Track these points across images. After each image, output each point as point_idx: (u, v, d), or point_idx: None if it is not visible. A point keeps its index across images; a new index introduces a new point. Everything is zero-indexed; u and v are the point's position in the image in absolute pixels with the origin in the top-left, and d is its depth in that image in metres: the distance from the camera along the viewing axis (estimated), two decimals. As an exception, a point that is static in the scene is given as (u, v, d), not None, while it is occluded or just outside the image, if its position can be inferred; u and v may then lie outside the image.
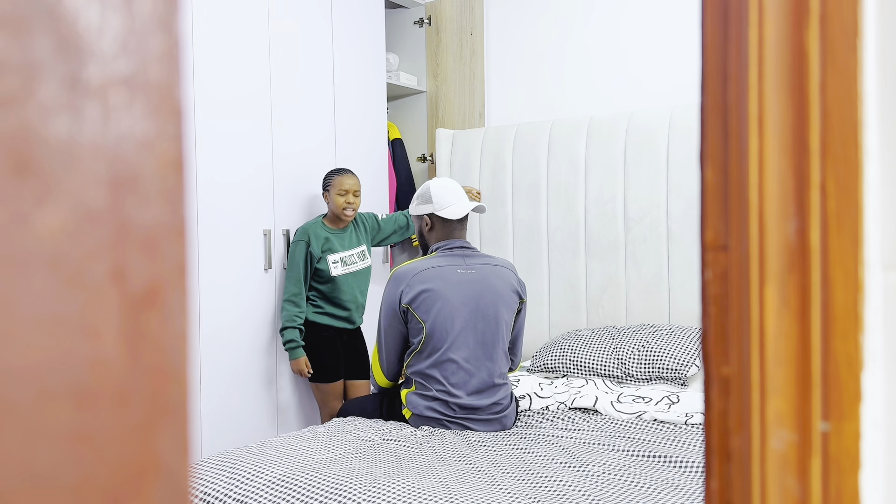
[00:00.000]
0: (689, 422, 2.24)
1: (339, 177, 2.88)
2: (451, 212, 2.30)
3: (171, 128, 0.30)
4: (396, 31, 3.93)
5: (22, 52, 0.25)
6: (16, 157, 0.25)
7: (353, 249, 2.96)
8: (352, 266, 2.95)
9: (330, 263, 2.87)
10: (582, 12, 3.44)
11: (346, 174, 2.90)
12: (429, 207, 2.34)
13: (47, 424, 0.26)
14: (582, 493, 1.67)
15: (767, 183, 0.47)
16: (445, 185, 2.36)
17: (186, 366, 0.31)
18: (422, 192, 2.37)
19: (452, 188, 2.35)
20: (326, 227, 2.92)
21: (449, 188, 2.35)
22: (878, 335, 0.45)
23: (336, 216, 2.93)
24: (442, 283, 2.26)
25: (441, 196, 2.32)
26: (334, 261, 2.88)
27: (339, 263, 2.90)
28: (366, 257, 3.03)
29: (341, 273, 2.90)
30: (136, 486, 0.29)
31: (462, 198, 2.35)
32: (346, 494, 1.64)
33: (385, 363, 2.36)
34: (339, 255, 2.90)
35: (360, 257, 2.99)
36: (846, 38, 0.45)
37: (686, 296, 2.99)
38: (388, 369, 2.37)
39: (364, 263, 3.01)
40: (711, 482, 0.51)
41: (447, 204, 2.31)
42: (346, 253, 2.93)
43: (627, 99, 3.33)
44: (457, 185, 2.38)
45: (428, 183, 2.37)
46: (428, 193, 2.34)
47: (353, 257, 2.95)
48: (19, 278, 0.25)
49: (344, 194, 2.87)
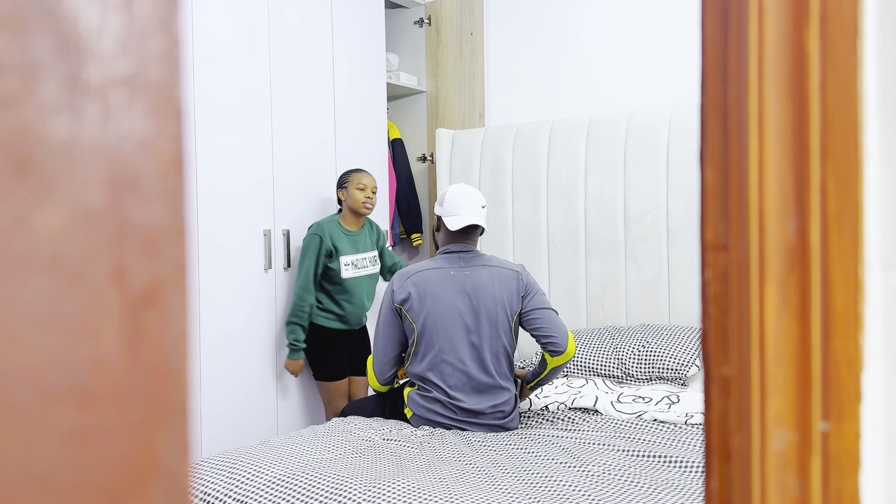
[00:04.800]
0: (689, 422, 2.24)
1: (357, 174, 2.91)
2: (451, 222, 2.33)
3: (171, 128, 0.30)
4: (396, 31, 3.93)
5: (22, 52, 0.25)
6: (16, 157, 0.25)
7: (365, 253, 2.96)
8: (363, 270, 2.94)
9: (342, 265, 2.87)
10: (582, 13, 3.44)
11: (364, 172, 2.93)
12: (440, 210, 2.39)
13: (47, 424, 0.26)
14: (582, 493, 1.67)
15: (767, 183, 0.47)
16: (460, 194, 2.36)
17: (186, 366, 0.31)
18: (442, 194, 2.42)
19: (464, 200, 2.35)
20: (342, 227, 2.91)
21: (461, 198, 2.35)
22: (878, 335, 0.45)
23: (353, 213, 2.92)
24: (434, 284, 2.28)
25: (451, 204, 2.35)
26: (346, 263, 2.88)
27: (350, 266, 2.89)
28: (377, 262, 3.03)
29: (352, 276, 2.90)
30: (136, 486, 0.29)
31: (471, 211, 2.34)
32: (346, 494, 1.63)
33: (377, 366, 2.37)
34: (352, 258, 2.90)
35: (371, 262, 2.99)
36: (846, 38, 0.45)
37: (686, 296, 2.99)
38: (380, 372, 2.37)
39: (375, 268, 3.02)
40: (711, 482, 0.51)
41: (452, 213, 2.35)
42: (358, 256, 2.93)
43: (627, 99, 3.33)
44: (471, 198, 2.36)
45: (451, 187, 2.41)
46: (444, 197, 2.39)
47: (364, 261, 2.95)
48: (19, 278, 0.25)
49: (363, 189, 2.88)
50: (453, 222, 2.32)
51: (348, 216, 2.94)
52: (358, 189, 2.88)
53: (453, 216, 2.34)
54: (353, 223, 2.95)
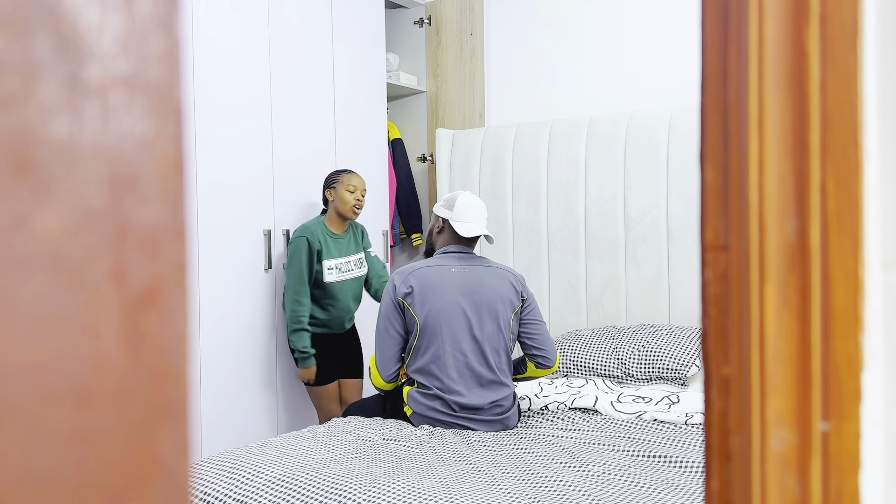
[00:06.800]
0: (689, 422, 2.24)
1: (346, 174, 2.83)
2: (462, 228, 2.38)
3: (171, 128, 0.30)
4: (396, 31, 3.93)
5: (22, 52, 0.25)
6: (16, 157, 0.25)
7: (350, 256, 2.89)
8: (347, 273, 2.87)
9: (325, 269, 2.80)
10: (582, 12, 3.44)
11: (354, 174, 2.86)
12: (448, 213, 2.41)
13: (47, 424, 0.26)
14: (582, 493, 1.67)
15: (767, 183, 0.47)
16: (472, 203, 2.41)
17: (186, 366, 0.31)
18: (451, 197, 2.44)
19: (475, 210, 2.41)
20: (327, 230, 2.85)
21: (473, 208, 2.41)
22: (878, 335, 0.45)
23: (340, 216, 2.85)
24: (436, 279, 2.31)
25: (462, 210, 2.40)
26: (329, 267, 2.81)
27: (333, 270, 2.83)
28: (363, 264, 2.96)
29: (335, 280, 2.83)
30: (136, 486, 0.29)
31: (480, 221, 2.41)
32: (346, 494, 1.63)
33: (380, 363, 2.37)
34: (335, 262, 2.83)
35: (356, 265, 2.92)
36: (846, 38, 0.45)
37: (686, 296, 2.99)
38: (383, 368, 2.37)
39: (360, 271, 2.94)
40: (711, 482, 0.51)
41: (464, 220, 2.39)
42: (342, 259, 2.86)
43: (627, 99, 3.33)
44: (482, 210, 2.43)
45: (461, 193, 2.45)
46: (454, 202, 2.42)
47: (349, 264, 2.88)
48: (19, 278, 0.25)
49: (353, 191, 2.80)
50: (465, 228, 2.37)
51: (334, 218, 2.86)
52: (347, 191, 2.80)
53: (465, 223, 2.39)
54: (338, 226, 2.87)
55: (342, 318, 2.91)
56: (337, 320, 2.90)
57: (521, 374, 2.45)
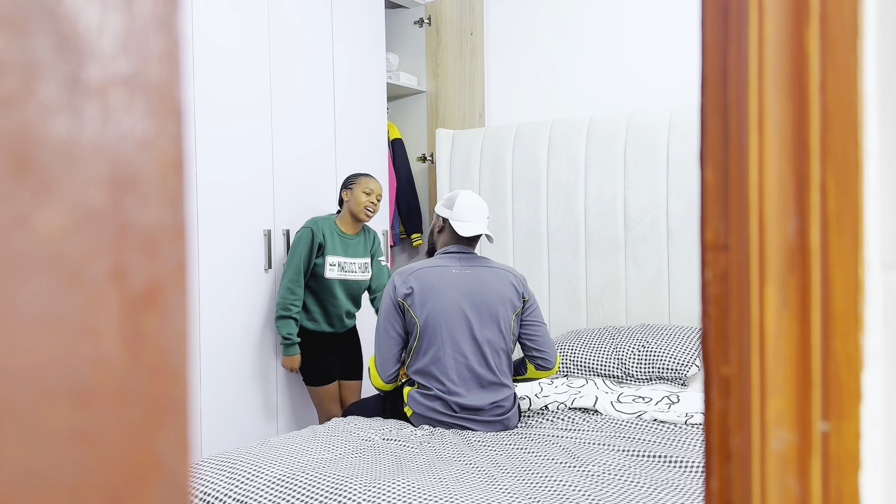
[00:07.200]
0: (689, 422, 2.24)
1: (365, 177, 2.85)
2: (462, 227, 2.37)
3: (170, 128, 0.30)
4: (396, 31, 3.93)
5: (22, 52, 0.25)
6: (16, 157, 0.25)
7: (355, 258, 2.89)
8: (349, 274, 2.87)
9: (326, 264, 2.80)
10: (582, 13, 3.44)
11: (373, 178, 2.87)
12: (448, 213, 2.41)
13: (47, 424, 0.26)
14: (582, 493, 1.67)
15: (767, 183, 0.47)
16: (472, 202, 2.40)
17: (186, 366, 0.31)
18: (451, 196, 2.44)
19: (475, 209, 2.40)
20: (336, 227, 2.86)
21: (473, 207, 2.40)
22: (878, 335, 0.45)
23: (353, 217, 2.86)
24: (436, 280, 2.31)
25: (462, 209, 2.39)
26: (332, 263, 2.81)
27: (335, 267, 2.82)
28: (367, 270, 2.96)
29: (335, 277, 2.83)
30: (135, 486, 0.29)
31: (480, 221, 2.40)
32: (346, 494, 1.63)
33: (379, 363, 2.37)
34: (339, 259, 2.83)
35: (361, 268, 2.92)
36: (846, 38, 0.45)
37: (686, 296, 2.99)
38: (382, 369, 2.37)
39: (363, 275, 2.94)
40: (711, 482, 0.51)
41: (463, 219, 2.38)
42: (346, 259, 2.86)
43: (627, 99, 3.33)
44: (481, 208, 2.42)
45: (462, 192, 2.44)
46: (454, 201, 2.41)
47: (353, 265, 2.89)
48: (19, 278, 0.25)
49: (369, 193, 2.82)
50: (464, 228, 2.36)
51: (347, 218, 2.89)
52: (364, 192, 2.82)
53: (464, 222, 2.38)
54: (350, 226, 2.89)
55: (340, 316, 2.91)
56: (335, 318, 2.90)
57: (521, 375, 2.44)
